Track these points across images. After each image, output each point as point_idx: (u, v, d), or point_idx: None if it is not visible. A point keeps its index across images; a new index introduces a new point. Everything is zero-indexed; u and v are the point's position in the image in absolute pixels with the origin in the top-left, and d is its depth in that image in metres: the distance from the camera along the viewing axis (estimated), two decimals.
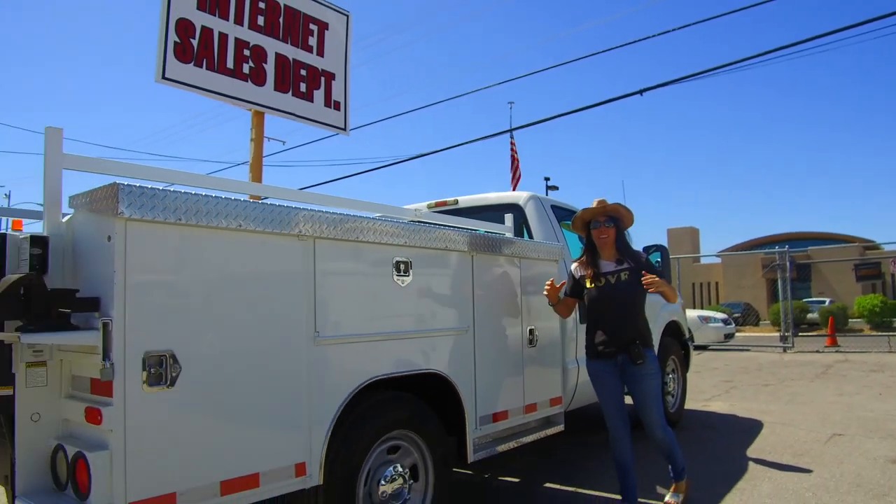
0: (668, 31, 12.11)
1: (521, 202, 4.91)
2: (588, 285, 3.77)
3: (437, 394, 3.32)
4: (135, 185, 2.09)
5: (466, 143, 19.24)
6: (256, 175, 6.01)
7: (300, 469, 2.54)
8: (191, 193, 2.24)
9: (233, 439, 2.33)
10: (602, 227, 3.74)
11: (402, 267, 3.06)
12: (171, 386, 2.14)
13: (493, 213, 4.85)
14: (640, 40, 17.32)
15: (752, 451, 5.18)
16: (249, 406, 2.39)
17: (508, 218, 4.58)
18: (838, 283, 34.46)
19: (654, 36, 11.03)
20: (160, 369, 2.12)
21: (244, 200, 2.43)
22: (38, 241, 2.14)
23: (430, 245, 3.23)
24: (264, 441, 2.43)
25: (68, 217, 2.32)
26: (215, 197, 2.32)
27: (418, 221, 3.94)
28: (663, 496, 3.91)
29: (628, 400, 3.82)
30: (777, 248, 14.93)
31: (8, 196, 36.12)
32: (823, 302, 28.92)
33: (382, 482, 2.98)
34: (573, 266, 3.97)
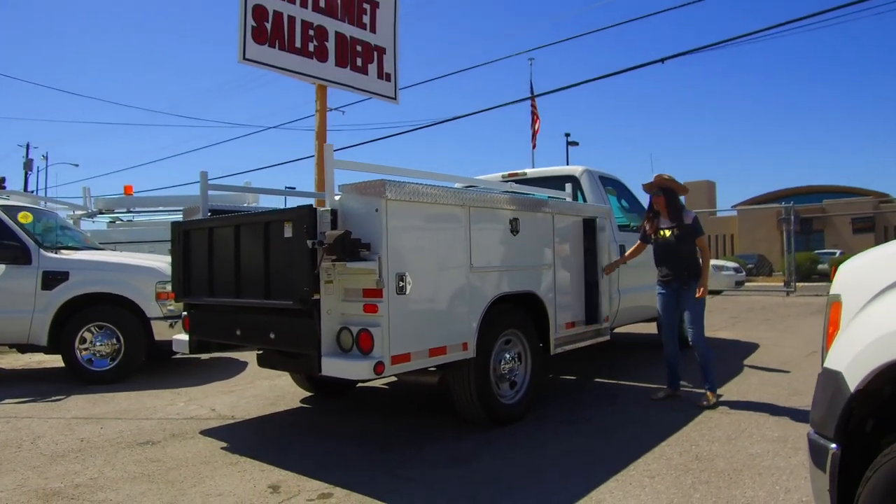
0: (690, 3, 13.28)
1: (577, 174, 6.50)
2: (653, 237, 5.36)
3: (532, 308, 4.98)
4: (389, 181, 3.73)
5: (494, 107, 20.60)
6: (322, 142, 7.17)
7: (465, 346, 4.23)
8: (413, 183, 3.87)
9: (434, 325, 4.02)
10: (655, 195, 5.30)
11: (514, 223, 4.69)
12: (405, 294, 3.82)
13: (554, 182, 6.43)
14: (661, 11, 18.41)
15: (748, 361, 6.88)
16: (442, 307, 4.08)
17: (568, 186, 6.17)
18: (852, 235, 35.50)
19: (676, 7, 12.20)
20: (401, 283, 3.79)
21: (440, 186, 4.06)
22: (332, 213, 3.79)
23: (529, 209, 4.85)
24: (449, 328, 4.12)
25: (339, 196, 3.95)
26: (426, 185, 3.96)
27: (513, 192, 5.55)
28: (689, 387, 5.52)
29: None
30: (783, 203, 16.37)
31: (46, 157, 38.17)
32: (834, 253, 30.24)
33: (502, 362, 4.68)
34: (644, 221, 5.50)
